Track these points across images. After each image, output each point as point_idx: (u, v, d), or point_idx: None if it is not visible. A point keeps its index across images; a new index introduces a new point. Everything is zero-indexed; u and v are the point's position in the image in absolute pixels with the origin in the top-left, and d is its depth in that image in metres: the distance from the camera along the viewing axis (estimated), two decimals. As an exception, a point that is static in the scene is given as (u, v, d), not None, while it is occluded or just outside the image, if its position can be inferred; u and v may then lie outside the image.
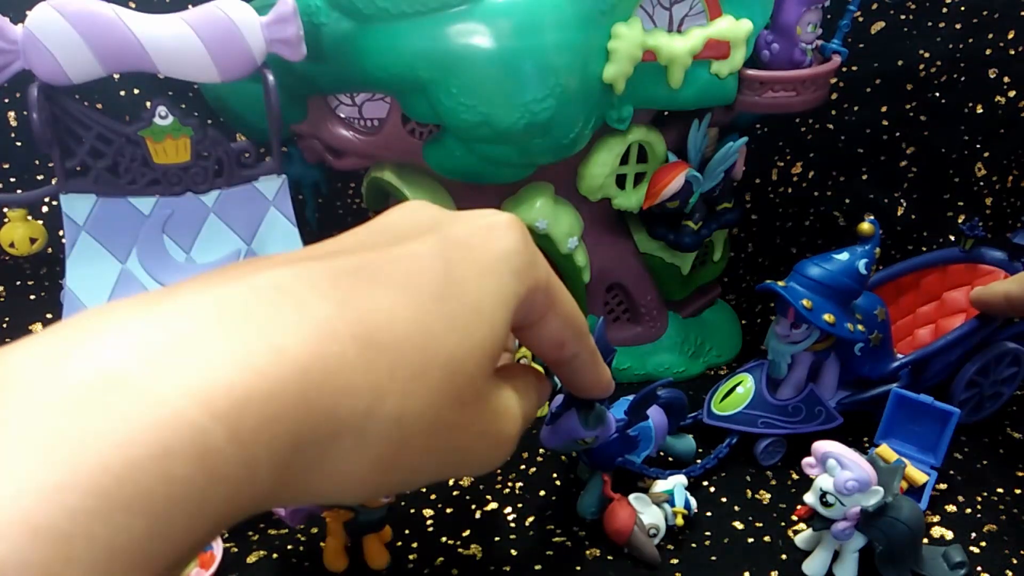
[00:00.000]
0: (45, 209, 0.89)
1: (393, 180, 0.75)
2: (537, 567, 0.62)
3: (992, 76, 0.90)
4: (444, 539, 0.65)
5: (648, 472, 0.68)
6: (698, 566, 0.63)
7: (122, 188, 0.65)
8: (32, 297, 0.91)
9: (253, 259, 0.25)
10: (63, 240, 0.64)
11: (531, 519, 0.67)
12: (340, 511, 0.59)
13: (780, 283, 0.69)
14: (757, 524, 0.67)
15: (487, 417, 0.31)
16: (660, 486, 0.65)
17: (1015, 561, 0.63)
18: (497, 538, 0.65)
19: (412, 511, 0.68)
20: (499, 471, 0.73)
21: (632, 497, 0.64)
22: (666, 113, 0.78)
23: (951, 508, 0.69)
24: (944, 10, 0.89)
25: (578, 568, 0.62)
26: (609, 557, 0.64)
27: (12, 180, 0.89)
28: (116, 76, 0.84)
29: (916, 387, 0.72)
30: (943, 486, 0.70)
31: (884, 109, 0.94)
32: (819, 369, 0.74)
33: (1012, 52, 0.89)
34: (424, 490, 0.70)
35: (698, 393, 0.79)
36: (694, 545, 0.65)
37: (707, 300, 0.92)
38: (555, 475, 0.72)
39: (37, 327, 0.89)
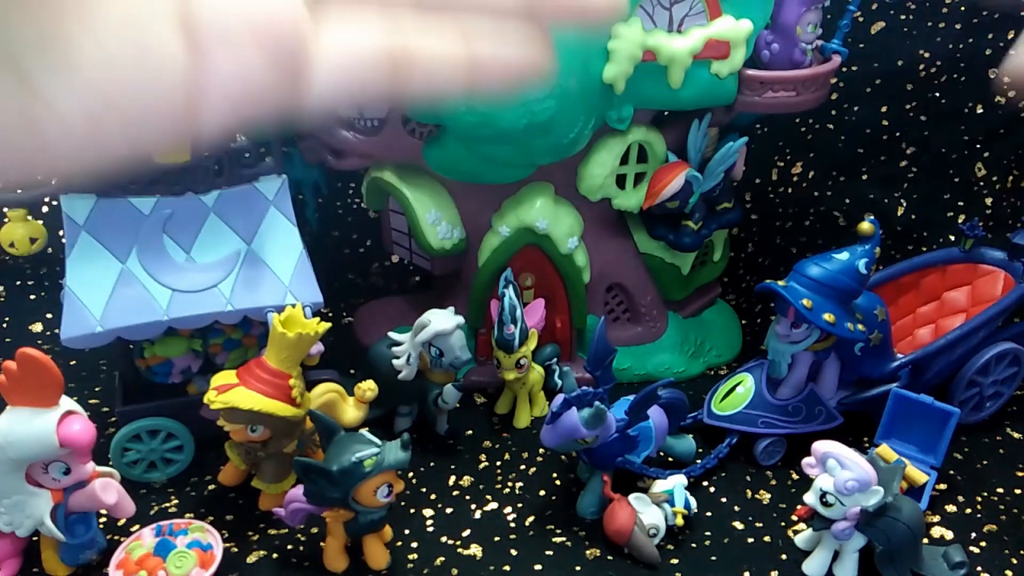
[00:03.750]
0: (45, 209, 0.89)
1: (393, 180, 0.75)
2: (537, 567, 0.62)
3: (992, 76, 0.90)
4: (444, 539, 0.65)
5: (648, 472, 0.68)
6: (698, 566, 0.63)
7: (122, 188, 0.65)
8: (32, 297, 0.91)
9: None
10: (63, 240, 0.64)
11: (531, 519, 0.67)
12: (340, 511, 0.59)
13: (780, 283, 0.69)
14: (757, 524, 0.67)
15: None
16: (660, 486, 0.65)
17: (1015, 561, 0.63)
18: (497, 538, 0.65)
19: (412, 511, 0.68)
20: (499, 471, 0.73)
21: (632, 497, 0.64)
22: (666, 113, 0.78)
23: (951, 508, 0.69)
24: (944, 10, 0.89)
25: (578, 568, 0.62)
26: (609, 557, 0.64)
27: (12, 180, 0.89)
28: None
29: (916, 387, 0.72)
30: (943, 486, 0.70)
31: (884, 109, 0.94)
32: (819, 369, 0.74)
33: (1012, 52, 0.89)
34: (424, 490, 0.70)
35: (698, 393, 0.79)
36: (694, 545, 0.65)
37: (707, 300, 0.92)
38: (555, 475, 0.72)
39: (37, 327, 0.89)
